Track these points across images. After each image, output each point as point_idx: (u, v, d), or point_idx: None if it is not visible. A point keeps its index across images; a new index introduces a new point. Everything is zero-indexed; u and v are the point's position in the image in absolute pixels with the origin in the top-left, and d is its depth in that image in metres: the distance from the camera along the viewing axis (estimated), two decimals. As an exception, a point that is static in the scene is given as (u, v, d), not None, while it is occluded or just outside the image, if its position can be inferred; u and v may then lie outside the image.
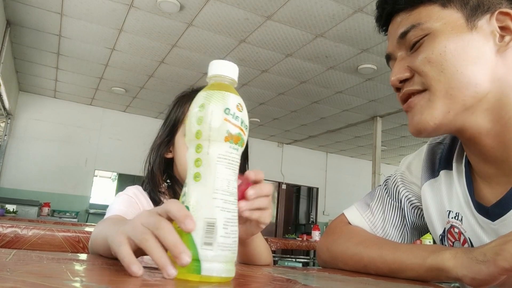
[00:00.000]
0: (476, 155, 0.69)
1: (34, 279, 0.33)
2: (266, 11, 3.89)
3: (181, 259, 0.40)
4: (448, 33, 0.65)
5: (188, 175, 0.46)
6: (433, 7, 0.67)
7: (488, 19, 0.65)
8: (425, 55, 0.66)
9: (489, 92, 0.63)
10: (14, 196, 6.37)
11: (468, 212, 0.70)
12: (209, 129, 0.44)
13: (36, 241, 1.11)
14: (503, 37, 0.64)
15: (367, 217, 0.86)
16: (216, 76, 0.48)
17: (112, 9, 4.06)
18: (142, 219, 0.44)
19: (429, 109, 0.65)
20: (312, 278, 0.61)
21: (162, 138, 1.00)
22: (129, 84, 6.33)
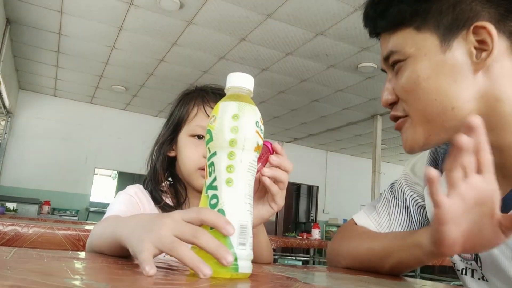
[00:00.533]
0: None
1: (34, 277, 0.33)
2: (266, 9, 3.88)
3: (226, 259, 0.43)
4: (421, 59, 0.65)
5: (219, 180, 0.49)
6: (409, 31, 0.66)
7: (464, 35, 0.63)
8: (402, 84, 0.67)
9: (473, 110, 0.63)
10: (14, 194, 6.37)
11: None
12: (243, 139, 0.49)
13: (37, 239, 1.11)
14: (481, 52, 0.62)
15: (373, 218, 0.87)
16: (236, 88, 0.52)
17: (112, 7, 4.05)
18: (171, 229, 0.45)
19: (411, 133, 0.68)
20: (312, 276, 0.61)
21: (165, 136, 0.99)
22: (129, 82, 6.32)
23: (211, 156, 0.50)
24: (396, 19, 0.68)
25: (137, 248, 0.46)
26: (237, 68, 5.36)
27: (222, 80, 2.09)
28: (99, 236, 0.66)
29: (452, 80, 0.63)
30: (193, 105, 0.98)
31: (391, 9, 0.68)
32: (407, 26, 0.66)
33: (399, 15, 0.67)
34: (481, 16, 0.62)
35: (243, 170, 0.49)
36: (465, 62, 0.63)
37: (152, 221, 0.49)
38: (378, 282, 0.59)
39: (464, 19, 0.63)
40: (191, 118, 0.97)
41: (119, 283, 0.37)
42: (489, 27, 0.61)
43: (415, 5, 0.65)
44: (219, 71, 5.50)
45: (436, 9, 0.64)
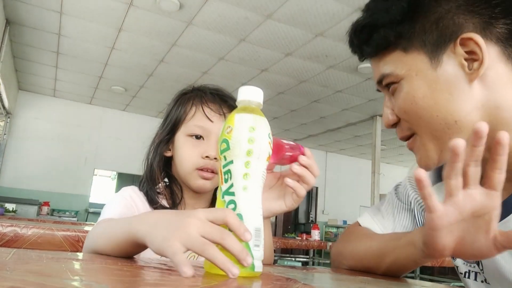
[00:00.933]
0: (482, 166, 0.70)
1: (34, 278, 0.33)
2: (265, 10, 3.88)
3: (247, 261, 0.48)
4: (413, 79, 0.65)
5: (236, 186, 0.53)
6: (397, 53, 0.66)
7: (452, 48, 0.63)
8: (399, 105, 0.67)
9: (476, 120, 0.62)
10: (13, 195, 6.36)
11: None
12: (259, 149, 0.53)
13: (36, 240, 1.11)
14: (472, 62, 0.62)
15: (377, 220, 0.88)
16: (247, 101, 0.57)
17: (111, 8, 4.06)
18: (199, 229, 0.47)
19: (423, 151, 0.68)
20: (312, 278, 0.61)
21: (162, 136, 0.98)
22: (128, 83, 6.32)
23: (228, 164, 0.53)
24: (381, 45, 0.68)
25: (164, 246, 0.47)
26: (236, 69, 5.37)
27: (222, 81, 2.11)
28: (104, 236, 0.65)
29: (448, 95, 0.63)
30: (191, 105, 0.97)
31: (375, 35, 0.68)
32: (394, 49, 0.67)
33: (384, 40, 0.67)
34: (466, 27, 0.62)
35: (258, 178, 0.54)
36: (458, 75, 0.63)
37: (176, 219, 0.50)
38: (377, 283, 0.59)
39: (449, 33, 0.62)
40: (189, 118, 0.96)
41: (119, 284, 0.37)
42: (475, 38, 0.60)
43: (398, 28, 0.65)
44: (219, 72, 5.51)
45: (420, 28, 0.64)
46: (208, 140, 0.94)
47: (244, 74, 5.55)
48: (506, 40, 0.62)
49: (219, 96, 0.99)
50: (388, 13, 0.66)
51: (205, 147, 0.93)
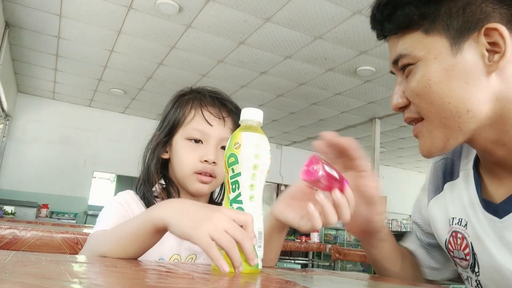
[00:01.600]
0: (487, 160, 0.70)
1: (32, 280, 0.33)
2: (265, 13, 3.89)
3: (254, 261, 0.55)
4: (431, 63, 0.64)
5: (243, 195, 0.60)
6: (417, 34, 0.65)
7: (476, 37, 0.61)
8: (413, 88, 0.66)
9: (488, 112, 0.62)
10: (12, 197, 6.35)
11: (472, 214, 0.70)
12: (263, 164, 0.61)
13: (35, 242, 1.10)
14: (493, 54, 0.61)
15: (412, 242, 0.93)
16: (250, 120, 0.64)
17: (111, 10, 4.06)
18: (224, 224, 0.53)
19: (429, 138, 0.67)
20: (311, 280, 0.61)
21: (159, 138, 0.97)
22: (128, 86, 6.32)
23: (235, 175, 0.60)
24: (403, 23, 0.66)
25: (194, 234, 0.53)
26: (236, 71, 5.37)
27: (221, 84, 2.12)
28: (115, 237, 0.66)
29: (464, 83, 0.62)
30: (190, 107, 0.96)
31: (398, 12, 0.66)
32: (416, 29, 0.65)
33: (406, 19, 0.65)
34: (492, 17, 0.61)
35: (261, 189, 0.61)
36: (477, 65, 0.61)
37: (203, 210, 0.57)
38: (376, 285, 0.59)
39: (474, 21, 0.61)
40: (188, 121, 0.95)
41: (118, 287, 0.37)
42: (500, 29, 0.59)
43: (423, 8, 0.64)
44: (218, 74, 5.51)
45: (445, 12, 0.63)
46: (207, 144, 0.93)
47: (244, 77, 5.55)
48: None
49: (218, 100, 0.98)
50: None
51: (204, 151, 0.92)
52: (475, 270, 0.70)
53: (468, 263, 0.71)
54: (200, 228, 0.53)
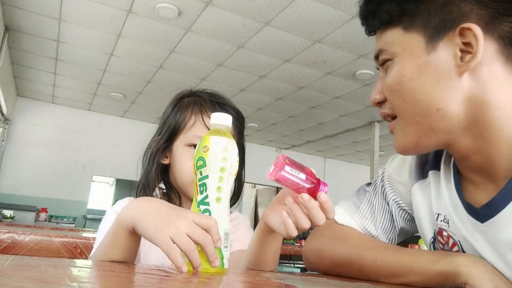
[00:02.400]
0: (464, 165, 0.69)
1: (31, 284, 0.33)
2: (264, 17, 3.90)
3: (215, 263, 0.57)
4: (405, 59, 0.65)
5: (210, 197, 0.61)
6: (397, 31, 0.66)
7: (451, 37, 0.61)
8: (387, 84, 0.67)
9: (460, 113, 0.62)
10: (11, 201, 6.33)
11: (455, 215, 0.69)
12: (230, 167, 0.62)
13: (34, 246, 1.10)
14: (466, 54, 0.60)
15: (358, 220, 0.84)
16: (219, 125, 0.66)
17: (110, 15, 4.07)
18: (186, 228, 0.55)
19: (402, 135, 0.68)
20: (311, 284, 0.61)
21: (159, 144, 0.96)
22: (127, 90, 6.33)
23: (203, 178, 0.62)
24: (385, 18, 0.67)
25: (157, 238, 0.55)
26: (235, 75, 5.38)
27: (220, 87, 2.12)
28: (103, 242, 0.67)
29: (435, 82, 0.62)
30: (190, 113, 0.95)
31: (381, 7, 0.68)
32: (396, 26, 0.66)
33: (388, 14, 0.67)
34: (469, 17, 0.60)
35: (228, 190, 0.63)
36: (449, 64, 0.62)
37: (167, 213, 0.59)
38: (376, 289, 0.58)
39: (451, 20, 0.61)
40: (188, 128, 0.94)
41: (117, 291, 0.37)
42: (474, 29, 0.59)
43: (404, 5, 0.65)
44: (217, 78, 5.52)
45: (424, 10, 0.63)
46: None
47: (243, 81, 5.56)
48: (509, 40, 0.60)
49: (219, 105, 0.98)
50: None
51: None
52: None
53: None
54: (162, 230, 0.55)
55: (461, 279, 0.59)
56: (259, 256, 0.75)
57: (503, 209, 0.61)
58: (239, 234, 0.97)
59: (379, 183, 0.87)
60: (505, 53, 0.61)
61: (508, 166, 0.61)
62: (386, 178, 0.86)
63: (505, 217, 0.60)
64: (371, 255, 0.72)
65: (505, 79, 0.61)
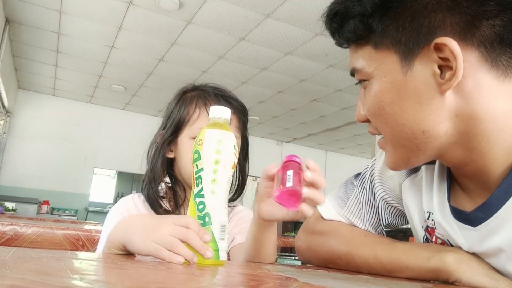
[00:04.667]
0: (456, 173, 0.67)
1: (33, 276, 0.33)
2: (265, 9, 3.88)
3: (207, 255, 0.58)
4: (382, 81, 0.59)
5: (205, 190, 0.62)
6: (368, 49, 0.61)
7: (426, 53, 0.55)
8: (367, 106, 0.63)
9: (448, 130, 0.58)
10: (13, 194, 6.36)
11: (442, 217, 0.67)
12: (225, 159, 0.62)
13: (36, 239, 1.11)
14: (447, 70, 0.55)
15: (345, 215, 0.83)
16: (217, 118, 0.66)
17: (111, 6, 4.05)
18: (169, 231, 0.58)
19: (391, 156, 0.65)
20: (311, 276, 0.61)
21: (165, 137, 0.96)
22: (128, 82, 6.32)
23: (199, 171, 0.62)
24: (351, 37, 0.62)
25: (144, 248, 0.58)
26: (236, 67, 5.36)
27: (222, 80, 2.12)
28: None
29: (417, 104, 0.57)
30: (195, 106, 0.95)
31: (345, 25, 0.62)
32: (365, 43, 0.61)
33: (353, 33, 0.61)
34: (443, 28, 0.54)
35: (223, 183, 0.63)
36: (429, 84, 0.56)
37: (149, 224, 0.61)
38: (377, 282, 0.59)
39: (423, 34, 0.55)
40: (193, 121, 0.94)
41: (119, 283, 0.37)
42: (450, 44, 0.53)
43: (369, 21, 0.58)
44: (219, 70, 5.50)
45: (392, 25, 0.57)
46: None
47: (244, 73, 5.55)
48: (491, 44, 0.54)
49: (223, 98, 0.98)
50: (360, 2, 0.59)
51: None
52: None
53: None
54: (146, 240, 0.57)
55: (453, 276, 0.59)
56: (259, 250, 0.76)
57: (499, 210, 0.58)
58: (243, 227, 0.97)
59: (368, 177, 0.84)
60: (488, 59, 0.55)
61: (501, 173, 0.58)
62: (375, 172, 0.83)
63: (499, 218, 0.58)
64: (363, 253, 0.71)
65: (493, 87, 0.56)
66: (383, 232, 0.84)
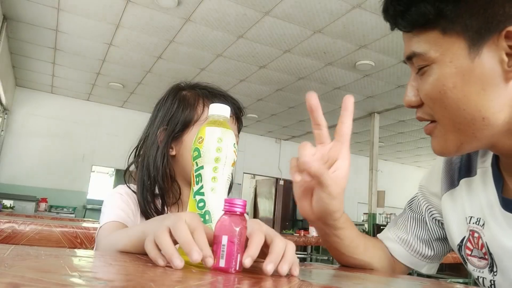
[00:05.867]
0: (507, 162, 0.68)
1: (32, 274, 0.33)
2: (264, 6, 3.87)
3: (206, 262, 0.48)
4: (446, 66, 0.59)
5: (205, 188, 0.61)
6: (434, 34, 0.60)
7: (495, 40, 0.57)
8: (426, 91, 0.63)
9: (505, 119, 0.59)
10: (11, 191, 6.36)
11: (489, 213, 0.68)
12: (225, 157, 0.62)
13: (34, 236, 1.11)
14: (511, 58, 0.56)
15: (393, 232, 0.87)
16: (217, 115, 0.65)
17: (109, 4, 4.04)
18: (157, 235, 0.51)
19: (443, 141, 0.64)
20: (310, 274, 0.61)
21: (170, 137, 0.95)
22: (126, 80, 6.31)
23: (199, 169, 0.62)
24: (418, 21, 0.61)
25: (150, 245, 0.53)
26: (234, 65, 5.36)
27: (220, 78, 2.10)
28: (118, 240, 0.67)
29: (481, 89, 0.58)
30: (203, 105, 0.96)
31: (413, 9, 0.61)
32: (432, 28, 0.60)
33: (422, 17, 0.60)
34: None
35: (224, 181, 0.63)
36: (495, 70, 0.57)
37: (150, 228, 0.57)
38: (375, 279, 0.59)
39: (495, 21, 0.56)
40: (202, 120, 0.94)
41: (117, 280, 0.37)
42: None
43: (441, 6, 0.58)
44: (217, 68, 5.50)
45: (464, 11, 0.58)
46: None
47: (242, 71, 5.54)
48: None
49: (225, 98, 0.99)
50: None
51: None
52: (493, 270, 0.69)
53: (487, 263, 0.69)
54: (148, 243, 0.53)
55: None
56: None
57: None
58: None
59: (416, 197, 0.89)
60: None
61: None
62: (420, 192, 0.87)
63: None
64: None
65: None
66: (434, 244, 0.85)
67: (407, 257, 0.84)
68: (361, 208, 9.53)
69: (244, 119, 1.07)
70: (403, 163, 11.07)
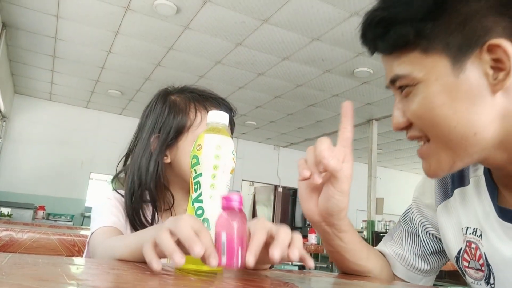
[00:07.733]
0: (499, 174, 0.68)
1: (30, 282, 0.33)
2: (262, 14, 3.90)
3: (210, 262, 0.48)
4: (432, 84, 0.59)
5: (204, 195, 0.61)
6: (415, 54, 0.60)
7: (478, 54, 0.57)
8: (414, 110, 0.62)
9: (495, 131, 0.59)
10: (9, 199, 6.33)
11: (486, 223, 0.68)
12: (224, 165, 0.62)
13: (31, 244, 1.10)
14: (498, 72, 0.57)
15: (389, 246, 0.87)
16: (216, 123, 0.65)
17: (108, 12, 4.06)
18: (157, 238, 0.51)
19: (436, 161, 0.64)
20: (309, 281, 0.61)
21: (164, 144, 0.93)
22: (125, 87, 6.32)
23: (197, 176, 0.62)
24: (398, 42, 0.61)
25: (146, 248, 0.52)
26: (233, 72, 5.37)
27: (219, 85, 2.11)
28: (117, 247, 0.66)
29: (469, 104, 0.58)
30: (195, 111, 0.94)
31: (392, 31, 0.61)
32: (412, 49, 0.60)
33: (401, 38, 0.60)
34: (494, 32, 0.56)
35: (222, 188, 0.62)
36: (481, 84, 0.57)
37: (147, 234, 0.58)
38: (373, 287, 0.59)
39: (475, 37, 0.57)
40: (196, 125, 0.92)
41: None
42: (504, 45, 0.55)
43: (420, 26, 0.59)
44: (216, 76, 5.51)
45: (443, 29, 0.58)
46: None
47: (241, 78, 5.56)
48: None
49: (216, 100, 0.98)
50: (409, 7, 0.59)
51: None
52: (490, 282, 0.68)
53: (483, 274, 0.69)
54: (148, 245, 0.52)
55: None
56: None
57: None
58: None
59: (410, 210, 0.88)
60: None
61: None
62: (413, 203, 0.86)
63: None
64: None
65: None
66: (429, 258, 0.85)
67: (404, 272, 0.83)
68: (360, 216, 9.50)
69: (243, 126, 1.07)
70: (401, 170, 11.07)
